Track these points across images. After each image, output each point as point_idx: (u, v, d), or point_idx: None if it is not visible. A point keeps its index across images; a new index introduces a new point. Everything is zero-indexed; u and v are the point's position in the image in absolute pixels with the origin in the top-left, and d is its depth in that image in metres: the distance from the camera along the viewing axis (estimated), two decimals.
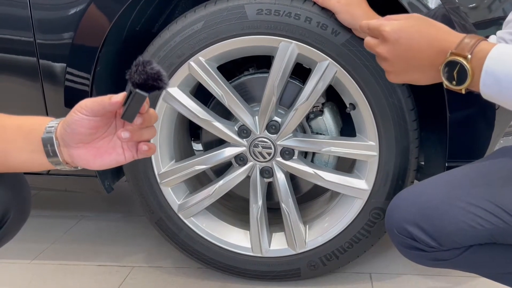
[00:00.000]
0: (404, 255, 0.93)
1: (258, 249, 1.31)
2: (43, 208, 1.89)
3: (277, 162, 1.26)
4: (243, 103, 1.23)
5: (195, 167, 1.28)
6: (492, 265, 0.90)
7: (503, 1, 1.12)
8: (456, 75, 0.71)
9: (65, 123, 0.66)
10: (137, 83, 0.59)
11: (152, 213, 1.33)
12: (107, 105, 0.63)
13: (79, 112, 0.64)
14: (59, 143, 0.67)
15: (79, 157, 0.68)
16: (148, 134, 0.68)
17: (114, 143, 0.68)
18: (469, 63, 0.70)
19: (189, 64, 1.19)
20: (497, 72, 0.68)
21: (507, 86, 0.68)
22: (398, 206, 0.91)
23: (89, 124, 0.65)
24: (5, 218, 0.74)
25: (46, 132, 0.67)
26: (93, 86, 1.25)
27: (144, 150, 0.68)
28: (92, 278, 1.42)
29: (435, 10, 1.07)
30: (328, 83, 1.16)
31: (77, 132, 0.65)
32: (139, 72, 0.59)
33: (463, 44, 0.71)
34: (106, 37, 1.21)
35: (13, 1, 1.23)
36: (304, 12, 1.12)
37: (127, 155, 0.69)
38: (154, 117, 0.67)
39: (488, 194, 0.85)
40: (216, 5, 1.17)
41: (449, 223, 0.85)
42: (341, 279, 1.36)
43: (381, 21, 0.80)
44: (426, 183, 0.94)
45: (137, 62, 0.59)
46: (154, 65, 0.60)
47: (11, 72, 1.28)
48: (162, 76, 0.60)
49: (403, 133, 1.16)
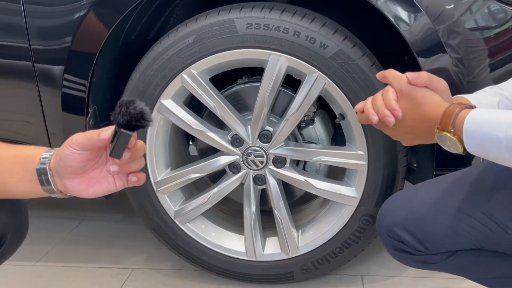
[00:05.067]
0: (393, 256, 0.97)
1: (252, 253, 1.35)
2: (46, 209, 1.94)
3: (270, 170, 1.29)
4: (235, 113, 1.26)
5: (190, 176, 1.32)
6: (477, 269, 0.94)
7: None
8: (449, 143, 0.77)
9: (58, 156, 0.69)
10: (121, 124, 0.62)
11: (150, 219, 1.38)
12: (96, 141, 0.66)
13: (70, 146, 0.68)
14: (53, 173, 0.70)
15: (72, 187, 0.71)
16: (137, 165, 0.71)
17: (105, 173, 0.71)
18: (454, 135, 0.76)
19: (182, 76, 1.22)
20: (474, 133, 0.74)
21: (485, 144, 0.73)
22: (389, 209, 0.96)
23: (80, 158, 0.68)
24: (2, 241, 0.77)
25: (40, 163, 0.70)
26: (90, 92, 1.27)
27: (134, 181, 0.71)
28: (94, 280, 1.47)
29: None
30: (317, 95, 1.19)
31: (69, 165, 0.69)
32: (123, 113, 0.61)
33: (445, 117, 0.77)
34: (103, 45, 1.23)
35: (8, 9, 1.24)
36: (293, 26, 1.14)
37: (118, 184, 0.72)
38: (142, 149, 0.70)
39: (475, 202, 0.89)
40: (206, 19, 1.19)
41: (436, 228, 0.89)
42: (333, 281, 1.40)
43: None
44: (416, 188, 0.99)
45: (120, 103, 0.62)
46: (137, 104, 0.62)
47: (8, 76, 1.31)
48: (145, 115, 0.62)
49: (391, 143, 1.19)
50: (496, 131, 0.71)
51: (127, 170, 0.70)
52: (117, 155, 0.66)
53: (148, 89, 1.24)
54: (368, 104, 0.85)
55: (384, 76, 0.85)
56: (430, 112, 0.79)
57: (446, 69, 1.10)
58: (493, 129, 0.72)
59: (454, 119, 0.76)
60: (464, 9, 1.11)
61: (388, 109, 0.82)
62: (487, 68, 1.14)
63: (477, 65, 1.13)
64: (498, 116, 0.73)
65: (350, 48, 1.14)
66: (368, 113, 0.84)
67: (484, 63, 1.13)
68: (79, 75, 1.25)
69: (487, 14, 1.12)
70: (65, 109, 1.29)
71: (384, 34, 1.23)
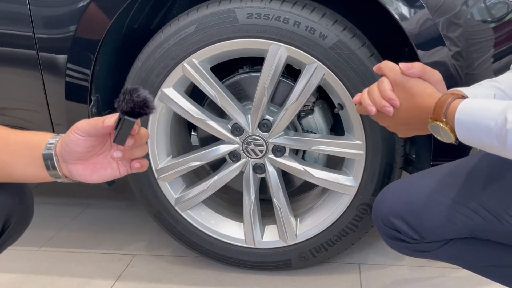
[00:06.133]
0: (388, 245, 0.99)
1: (251, 241, 1.38)
2: (51, 196, 1.98)
3: (269, 159, 1.31)
4: (236, 102, 1.28)
5: (190, 164, 1.34)
6: (471, 258, 0.96)
7: None
8: (442, 133, 0.79)
9: (63, 142, 0.71)
10: (125, 111, 0.64)
11: (151, 206, 1.40)
12: (100, 128, 0.68)
13: (75, 133, 0.70)
14: (59, 159, 0.72)
15: (77, 172, 0.73)
16: (140, 152, 0.73)
17: (109, 159, 0.73)
18: (446, 125, 0.77)
19: (183, 65, 1.24)
20: (465, 123, 0.75)
21: (476, 134, 0.74)
22: (385, 198, 0.97)
23: (85, 144, 0.70)
24: (7, 225, 0.80)
25: (47, 149, 0.72)
26: (93, 80, 1.29)
27: (137, 167, 0.73)
28: (97, 265, 1.50)
29: None
30: (316, 85, 1.20)
31: (74, 151, 0.71)
32: (126, 101, 0.63)
33: (437, 107, 0.78)
34: (106, 34, 1.24)
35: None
36: (293, 16, 1.15)
37: (122, 170, 0.74)
38: (145, 136, 0.72)
39: (470, 192, 0.90)
40: (208, 9, 1.20)
41: (431, 217, 0.90)
42: (330, 269, 1.42)
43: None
44: (412, 178, 1.00)
45: (124, 91, 0.64)
46: (141, 91, 0.64)
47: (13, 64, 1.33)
48: (148, 103, 0.64)
49: (389, 133, 1.20)
50: (486, 120, 0.72)
51: (130, 156, 0.72)
52: (121, 142, 0.68)
53: (150, 77, 1.26)
54: (365, 95, 0.86)
55: (379, 67, 0.86)
56: (423, 102, 0.81)
57: (445, 62, 1.11)
58: (484, 118, 0.73)
59: (446, 108, 0.77)
60: (464, 1, 1.11)
61: (385, 100, 0.83)
62: (488, 61, 1.15)
63: (478, 58, 1.14)
64: (488, 106, 0.74)
65: (349, 38, 1.15)
66: (366, 104, 0.85)
67: (485, 56, 1.14)
68: (82, 64, 1.27)
69: (488, 6, 1.13)
70: (68, 98, 1.31)
71: (383, 25, 1.24)
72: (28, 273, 1.47)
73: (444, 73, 0.85)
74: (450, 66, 1.11)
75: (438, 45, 1.11)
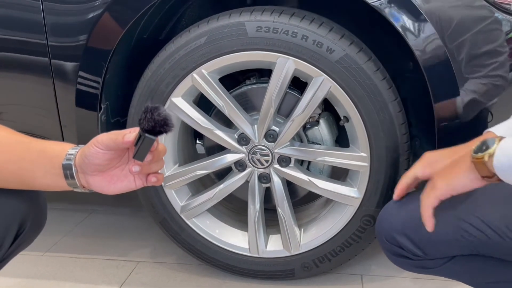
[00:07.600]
0: (391, 260, 1.00)
1: (255, 250, 1.39)
2: (56, 201, 1.99)
3: (274, 169, 1.33)
4: (243, 112, 1.30)
5: (197, 172, 1.36)
6: (474, 274, 0.96)
7: None
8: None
9: (83, 154, 0.73)
10: (146, 129, 0.67)
11: (156, 213, 1.42)
12: (120, 143, 0.71)
13: (95, 146, 0.72)
14: (77, 169, 0.75)
15: (95, 183, 0.75)
16: (157, 166, 0.75)
17: (126, 172, 0.76)
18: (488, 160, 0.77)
19: (192, 76, 1.26)
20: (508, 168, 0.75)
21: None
22: (388, 214, 0.98)
23: (104, 157, 0.72)
24: (22, 229, 0.81)
25: (66, 159, 0.75)
26: (103, 89, 1.32)
27: (153, 181, 0.75)
28: (101, 271, 1.51)
29: None
30: (323, 97, 1.23)
31: (93, 163, 0.73)
32: (148, 119, 0.66)
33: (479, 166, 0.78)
34: (117, 43, 1.27)
35: (27, 6, 1.29)
36: (301, 30, 1.18)
37: (138, 183, 0.76)
38: (163, 152, 0.74)
39: (473, 209, 0.90)
40: (218, 21, 1.23)
41: (434, 234, 0.91)
42: (333, 280, 1.43)
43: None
44: (415, 193, 1.00)
45: (145, 109, 0.66)
46: (161, 110, 0.66)
47: (26, 71, 1.36)
48: (168, 121, 0.67)
49: (393, 145, 1.22)
50: None
51: (147, 170, 0.75)
52: (140, 158, 0.70)
53: (160, 87, 1.29)
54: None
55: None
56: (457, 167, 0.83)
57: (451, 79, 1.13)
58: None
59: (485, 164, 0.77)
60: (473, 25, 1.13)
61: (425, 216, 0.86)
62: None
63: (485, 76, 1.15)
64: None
65: (356, 53, 1.18)
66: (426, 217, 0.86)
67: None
68: (93, 72, 1.30)
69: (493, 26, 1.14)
70: (78, 105, 1.34)
71: (389, 40, 1.26)
72: (33, 278, 1.48)
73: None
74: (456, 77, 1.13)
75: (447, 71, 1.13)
